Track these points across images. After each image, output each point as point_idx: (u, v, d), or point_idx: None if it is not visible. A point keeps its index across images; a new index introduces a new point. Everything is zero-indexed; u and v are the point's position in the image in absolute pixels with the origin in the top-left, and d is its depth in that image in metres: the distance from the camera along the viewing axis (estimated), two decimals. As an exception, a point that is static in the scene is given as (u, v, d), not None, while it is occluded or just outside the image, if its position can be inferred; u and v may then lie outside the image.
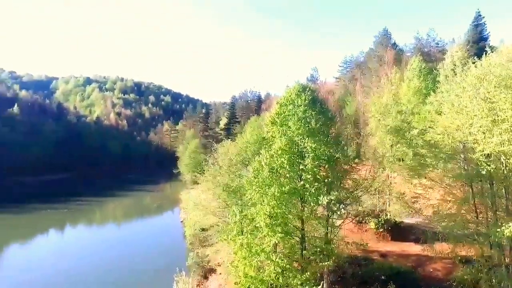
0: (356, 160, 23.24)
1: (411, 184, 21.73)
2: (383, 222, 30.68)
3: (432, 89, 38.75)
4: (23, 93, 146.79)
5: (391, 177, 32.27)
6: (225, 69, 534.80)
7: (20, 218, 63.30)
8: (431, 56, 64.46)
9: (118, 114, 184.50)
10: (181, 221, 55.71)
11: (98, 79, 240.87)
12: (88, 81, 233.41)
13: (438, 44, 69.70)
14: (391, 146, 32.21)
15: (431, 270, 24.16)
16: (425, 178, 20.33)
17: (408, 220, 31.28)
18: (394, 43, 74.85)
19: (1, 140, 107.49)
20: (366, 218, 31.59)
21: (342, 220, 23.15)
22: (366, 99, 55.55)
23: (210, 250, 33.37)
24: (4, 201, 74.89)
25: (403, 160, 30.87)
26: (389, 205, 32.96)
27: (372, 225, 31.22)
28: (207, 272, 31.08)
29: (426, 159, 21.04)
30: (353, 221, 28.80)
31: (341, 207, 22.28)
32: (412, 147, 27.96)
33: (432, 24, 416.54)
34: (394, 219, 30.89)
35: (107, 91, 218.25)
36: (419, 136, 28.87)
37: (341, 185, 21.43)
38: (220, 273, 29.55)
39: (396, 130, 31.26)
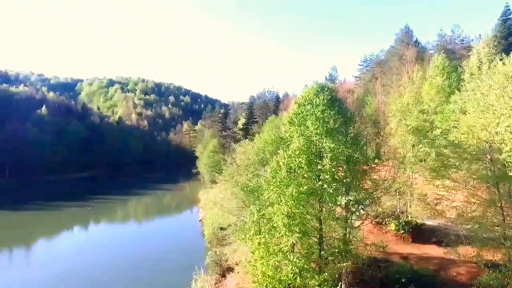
0: (376, 161, 22.75)
1: (434, 185, 21.10)
2: (403, 223, 29.99)
3: (456, 88, 37.47)
4: (50, 95, 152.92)
5: (412, 178, 31.49)
6: (243, 69, 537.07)
7: (46, 214, 66.01)
8: (455, 54, 62.32)
9: (139, 114, 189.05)
10: (200, 220, 56.45)
11: (120, 81, 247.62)
12: (111, 83, 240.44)
13: (463, 41, 67.25)
14: (413, 146, 31.43)
15: (454, 274, 23.41)
16: (448, 179, 19.70)
17: (430, 222, 30.43)
18: (416, 41, 72.90)
19: (31, 140, 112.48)
20: (386, 219, 30.95)
21: (361, 221, 22.83)
22: (386, 98, 54.44)
23: (228, 249, 33.68)
24: (32, 199, 78.48)
25: (425, 161, 30.06)
26: (410, 207, 32.19)
27: (392, 226, 30.58)
28: (225, 271, 31.34)
29: (450, 160, 20.40)
30: (373, 222, 28.33)
31: (360, 207, 21.99)
32: (434, 147, 27.20)
33: (457, 20, 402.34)
34: (415, 221, 30.12)
35: (129, 92, 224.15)
36: (442, 136, 28.05)
37: (360, 185, 21.13)
38: (238, 272, 29.74)
39: (418, 129, 30.48)
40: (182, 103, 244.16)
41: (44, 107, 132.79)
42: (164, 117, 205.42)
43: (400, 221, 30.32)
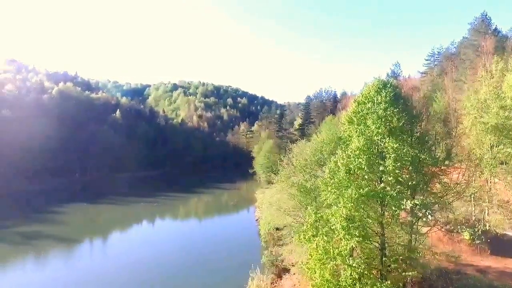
0: (446, 162, 20.79)
1: (518, 191, 18.60)
2: (480, 233, 26.91)
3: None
4: (123, 100, 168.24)
5: (491, 182, 28.13)
6: (300, 69, 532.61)
7: (118, 209, 72.92)
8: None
9: (200, 116, 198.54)
10: (256, 219, 57.25)
11: (183, 85, 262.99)
12: (175, 87, 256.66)
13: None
14: (492, 147, 28.09)
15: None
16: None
17: (512, 233, 26.91)
18: (495, 29, 65.04)
19: (107, 140, 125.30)
20: (459, 227, 28.08)
21: (429, 228, 21.01)
22: (458, 95, 49.59)
23: (284, 250, 33.57)
24: (107, 194, 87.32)
25: (506, 164, 26.63)
26: (488, 214, 28.75)
27: (466, 235, 27.63)
28: (281, 271, 31.32)
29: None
30: (442, 229, 25.88)
31: (427, 213, 20.23)
32: (519, 148, 23.98)
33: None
34: (495, 231, 26.82)
35: (190, 96, 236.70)
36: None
37: (428, 189, 19.50)
38: (294, 274, 29.49)
39: (498, 128, 27.15)
40: (240, 104, 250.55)
41: (118, 111, 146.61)
42: (223, 118, 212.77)
43: (476, 230, 27.29)
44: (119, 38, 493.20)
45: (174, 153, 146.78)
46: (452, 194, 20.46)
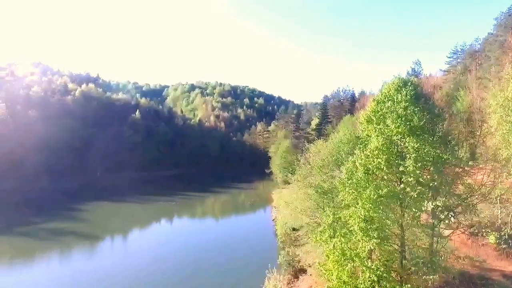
0: (470, 163, 20.04)
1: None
2: (506, 237, 25.78)
3: None
4: (142, 101, 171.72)
5: (519, 184, 26.88)
6: (317, 69, 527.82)
7: (138, 207, 74.56)
8: None
9: (217, 116, 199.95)
10: (273, 219, 57.15)
11: (200, 85, 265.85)
12: (192, 87, 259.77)
13: None
14: (520, 146, 26.79)
15: None
16: None
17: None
18: (524, 23, 62.02)
19: (127, 140, 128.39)
20: (484, 230, 27.01)
21: (452, 231, 20.32)
22: (483, 93, 47.71)
23: (300, 250, 33.36)
24: (127, 193, 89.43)
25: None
26: (515, 218, 27.51)
27: (491, 239, 26.53)
28: (298, 272, 31.09)
29: None
30: (466, 232, 25.00)
31: (450, 215, 19.58)
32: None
33: None
34: (523, 235, 25.64)
35: (207, 96, 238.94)
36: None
37: (451, 190, 18.84)
38: (310, 275, 29.23)
39: (526, 127, 25.87)
40: (256, 104, 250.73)
41: (137, 111, 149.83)
42: (239, 118, 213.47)
43: (503, 233, 26.14)
44: (139, 40, 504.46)
45: (192, 152, 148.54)
46: (477, 196, 19.71)
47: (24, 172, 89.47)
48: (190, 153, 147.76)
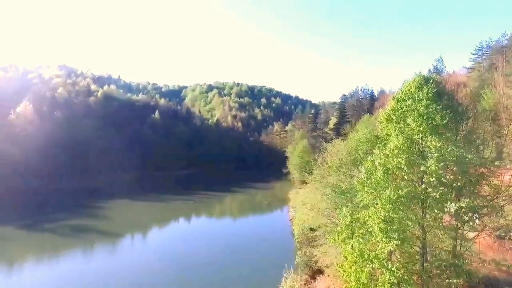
0: (497, 163, 19.20)
1: None
2: (536, 241, 24.61)
3: None
4: (161, 101, 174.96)
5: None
6: (335, 69, 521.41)
7: (157, 205, 75.90)
8: None
9: (234, 116, 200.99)
10: (290, 219, 56.87)
11: (218, 86, 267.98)
12: (210, 88, 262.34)
13: None
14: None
15: None
16: None
17: None
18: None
19: (146, 140, 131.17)
20: (511, 233, 25.86)
21: (477, 233, 19.54)
22: (510, 91, 45.73)
23: (318, 250, 33.01)
24: (146, 191, 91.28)
25: None
26: (545, 221, 26.18)
27: (519, 243, 25.38)
28: (315, 273, 30.80)
29: None
30: (492, 235, 23.99)
31: (474, 217, 18.83)
32: None
33: None
34: (554, 239, 24.39)
35: (225, 96, 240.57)
36: None
37: (475, 191, 18.13)
38: (328, 275, 28.87)
39: (557, 126, 24.64)
40: (273, 104, 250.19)
41: (156, 112, 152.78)
42: (257, 118, 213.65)
43: (531, 237, 24.96)
44: (159, 42, 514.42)
45: (209, 152, 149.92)
46: (504, 198, 18.86)
47: (48, 171, 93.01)
48: (207, 153, 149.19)
